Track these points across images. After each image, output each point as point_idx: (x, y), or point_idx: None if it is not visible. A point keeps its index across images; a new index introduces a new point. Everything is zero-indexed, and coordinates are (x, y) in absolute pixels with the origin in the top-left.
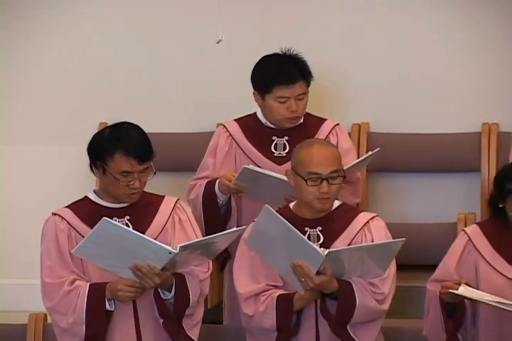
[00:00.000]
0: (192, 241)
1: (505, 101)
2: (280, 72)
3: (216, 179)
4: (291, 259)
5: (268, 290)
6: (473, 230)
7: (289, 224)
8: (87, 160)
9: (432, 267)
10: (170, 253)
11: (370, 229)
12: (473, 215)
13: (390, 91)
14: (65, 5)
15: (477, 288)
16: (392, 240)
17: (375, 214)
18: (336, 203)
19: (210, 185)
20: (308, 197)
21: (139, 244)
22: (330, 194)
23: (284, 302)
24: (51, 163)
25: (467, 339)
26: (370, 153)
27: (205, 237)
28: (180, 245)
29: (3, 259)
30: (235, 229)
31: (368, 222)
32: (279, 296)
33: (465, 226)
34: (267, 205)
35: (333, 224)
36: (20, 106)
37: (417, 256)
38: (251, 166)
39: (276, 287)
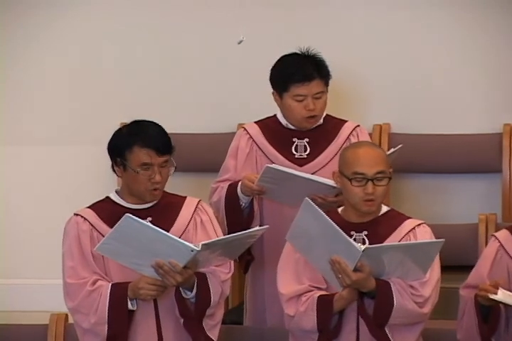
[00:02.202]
0: (214, 239)
1: None
2: (297, 70)
3: (238, 181)
4: (330, 255)
5: (310, 291)
6: (503, 235)
7: (327, 217)
8: (107, 160)
9: (454, 268)
10: (192, 250)
11: (415, 235)
12: (494, 216)
13: (411, 92)
14: (81, 2)
15: None
16: (429, 240)
17: (422, 221)
18: (384, 208)
19: (232, 188)
20: (354, 199)
21: (161, 241)
22: (375, 195)
23: (324, 303)
24: (71, 164)
25: None
26: (392, 149)
27: (227, 236)
28: (203, 243)
29: (24, 259)
30: (257, 228)
31: (414, 228)
32: (319, 297)
33: (486, 227)
34: (307, 198)
35: (379, 228)
36: (39, 107)
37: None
38: (274, 165)
39: (319, 289)
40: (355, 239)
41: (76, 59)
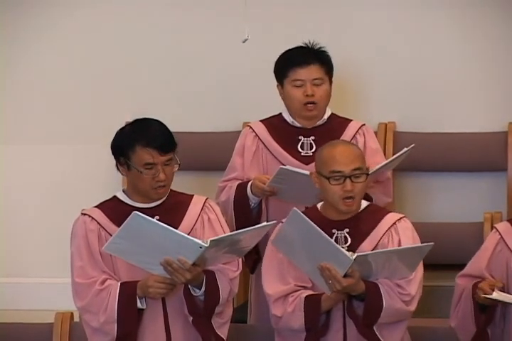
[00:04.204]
0: (222, 236)
1: None
2: (296, 55)
3: (247, 181)
4: (319, 261)
5: (296, 291)
6: (504, 227)
7: (317, 227)
8: (110, 159)
9: (459, 266)
10: (200, 247)
11: (397, 231)
12: (499, 214)
13: (416, 91)
14: (86, 1)
15: (507, 286)
16: (420, 244)
17: (402, 215)
18: (364, 204)
19: (241, 188)
20: (334, 198)
21: (169, 238)
22: (354, 193)
23: (312, 303)
24: (75, 163)
25: (496, 333)
26: (404, 149)
27: (235, 232)
28: (211, 239)
29: (29, 258)
30: (265, 223)
31: (395, 223)
32: (306, 297)
33: (491, 225)
34: (295, 208)
35: (360, 225)
36: (40, 107)
37: (443, 255)
38: (287, 166)
39: (304, 288)
40: (337, 237)
41: (78, 58)
